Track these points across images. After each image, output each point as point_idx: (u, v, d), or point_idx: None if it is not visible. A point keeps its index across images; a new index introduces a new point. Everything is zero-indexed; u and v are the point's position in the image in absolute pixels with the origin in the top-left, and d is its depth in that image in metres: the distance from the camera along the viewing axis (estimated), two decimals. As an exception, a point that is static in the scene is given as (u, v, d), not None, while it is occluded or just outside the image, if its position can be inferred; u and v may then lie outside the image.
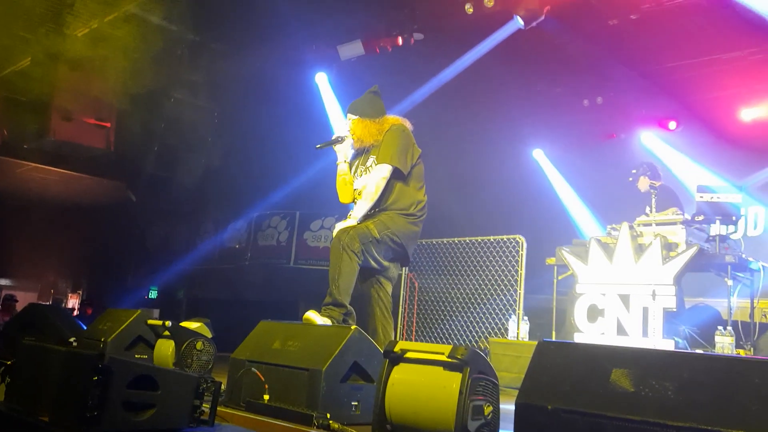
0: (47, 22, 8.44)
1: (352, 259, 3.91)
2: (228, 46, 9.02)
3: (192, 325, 4.42)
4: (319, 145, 4.48)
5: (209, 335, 4.31)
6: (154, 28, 8.60)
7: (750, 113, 8.73)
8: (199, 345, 3.96)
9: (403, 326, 8.58)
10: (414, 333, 8.57)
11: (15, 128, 9.62)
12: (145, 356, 4.40)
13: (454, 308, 8.29)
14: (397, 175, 4.19)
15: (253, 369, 3.32)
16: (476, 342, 7.86)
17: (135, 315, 4.39)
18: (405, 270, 8.53)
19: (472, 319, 8.00)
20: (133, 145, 9.94)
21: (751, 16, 6.75)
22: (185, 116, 9.97)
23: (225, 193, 11.35)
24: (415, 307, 8.67)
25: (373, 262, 4.09)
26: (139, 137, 9.87)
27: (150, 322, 4.28)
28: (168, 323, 4.04)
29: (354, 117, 4.39)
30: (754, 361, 2.10)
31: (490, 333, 7.68)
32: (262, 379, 3.24)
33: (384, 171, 4.15)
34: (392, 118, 4.40)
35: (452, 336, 8.19)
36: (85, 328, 5.14)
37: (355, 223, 4.12)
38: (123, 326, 4.37)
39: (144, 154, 10.43)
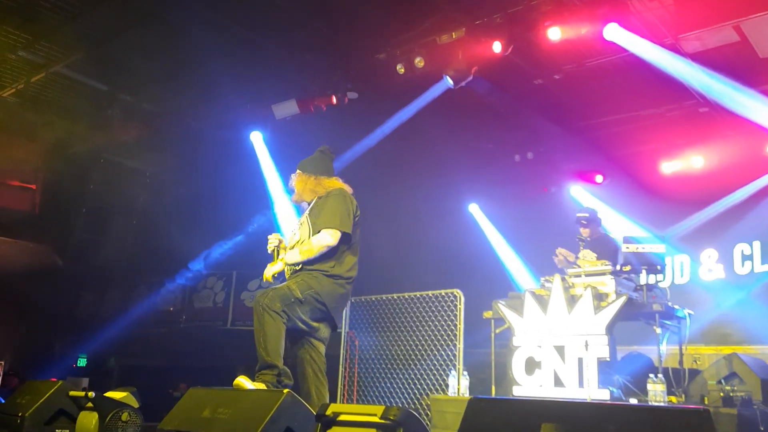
0: (-31, 83, 8.24)
1: (275, 319, 3.84)
2: (161, 106, 8.94)
3: (117, 395, 4.22)
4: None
5: (136, 405, 4.12)
6: (84, 88, 8.48)
7: (670, 166, 9.18)
8: (124, 416, 3.79)
9: (344, 386, 8.41)
10: (355, 392, 8.40)
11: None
12: (66, 430, 4.16)
13: (395, 365, 8.19)
14: (344, 240, 4.19)
15: (179, 440, 3.17)
16: (418, 399, 7.75)
17: (55, 387, 4.17)
18: (345, 328, 8.42)
19: (413, 376, 7.92)
20: (60, 207, 9.61)
21: (665, 76, 7.17)
22: (116, 177, 9.75)
23: (158, 255, 11.05)
24: (356, 366, 8.53)
25: (300, 324, 4.02)
26: (66, 199, 9.57)
27: (72, 393, 4.06)
28: (91, 394, 3.85)
29: (299, 172, 4.48)
30: (676, 410, 2.14)
31: (431, 389, 7.60)
32: (190, 450, 3.10)
33: (331, 238, 4.10)
34: (331, 182, 4.43)
35: (394, 394, 8.06)
36: (2, 401, 4.86)
37: (282, 267, 4.12)
38: (42, 399, 4.14)
39: (72, 216, 10.08)
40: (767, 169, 8.39)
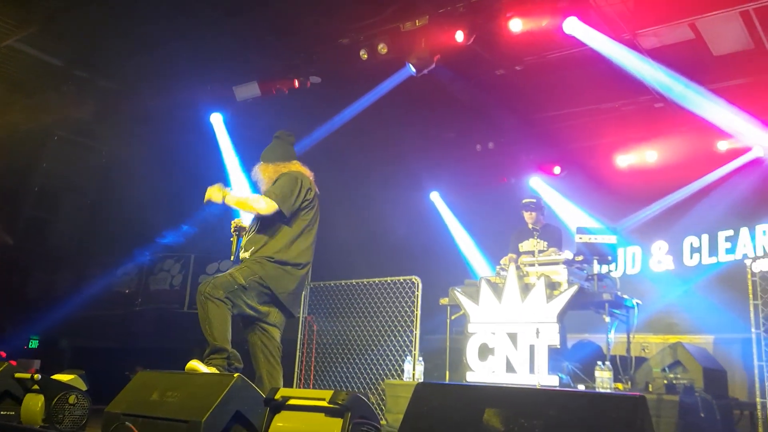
0: None
1: (219, 306, 3.86)
2: (118, 84, 8.74)
3: (65, 377, 4.15)
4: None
5: (84, 388, 4.07)
6: (38, 63, 8.24)
7: (625, 160, 9.37)
8: (71, 399, 3.74)
9: (302, 371, 8.43)
10: (312, 377, 8.43)
11: None
12: (12, 412, 4.08)
13: (352, 351, 8.24)
14: (279, 218, 4.17)
15: (127, 423, 3.15)
16: (375, 384, 7.82)
17: (0, 368, 4.08)
18: (304, 313, 8.42)
19: (370, 361, 7.97)
20: (11, 185, 9.35)
21: (623, 71, 7.30)
22: (70, 155, 9.51)
23: (113, 236, 10.84)
24: (314, 350, 8.55)
25: (247, 309, 4.03)
26: (18, 177, 9.31)
27: (17, 375, 3.99)
28: (37, 376, 3.79)
29: (260, 163, 4.48)
30: (613, 396, 2.22)
31: (387, 374, 7.67)
32: (137, 433, 3.08)
33: (265, 204, 4.12)
34: (288, 166, 4.42)
35: (351, 379, 8.11)
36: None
37: (220, 199, 4.15)
38: (-14, 381, 4.05)
39: (23, 194, 9.80)
40: (717, 165, 8.64)
